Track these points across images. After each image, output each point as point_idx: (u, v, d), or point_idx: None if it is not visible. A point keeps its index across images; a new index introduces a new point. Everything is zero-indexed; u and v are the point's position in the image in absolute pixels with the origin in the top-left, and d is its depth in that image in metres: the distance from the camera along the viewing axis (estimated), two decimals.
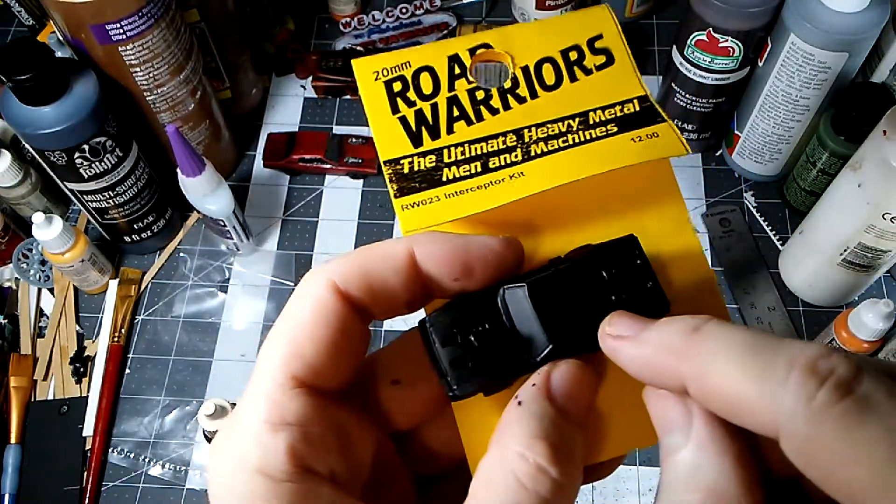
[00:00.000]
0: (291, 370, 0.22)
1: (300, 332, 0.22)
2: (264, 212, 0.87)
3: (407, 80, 0.27)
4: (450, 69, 0.27)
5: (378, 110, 0.27)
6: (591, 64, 0.28)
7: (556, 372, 0.22)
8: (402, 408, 0.25)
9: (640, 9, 0.95)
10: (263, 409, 0.21)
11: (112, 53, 0.69)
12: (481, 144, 0.26)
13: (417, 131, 0.27)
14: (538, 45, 0.28)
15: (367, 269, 0.22)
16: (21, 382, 0.76)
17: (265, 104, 0.94)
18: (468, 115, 0.27)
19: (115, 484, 0.73)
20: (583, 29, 0.28)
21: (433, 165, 0.26)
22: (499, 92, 0.27)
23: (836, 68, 0.69)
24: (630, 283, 0.23)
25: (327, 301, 0.22)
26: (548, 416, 0.21)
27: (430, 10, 0.97)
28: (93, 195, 0.74)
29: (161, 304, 0.82)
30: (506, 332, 0.23)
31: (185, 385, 0.77)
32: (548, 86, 0.27)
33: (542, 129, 0.26)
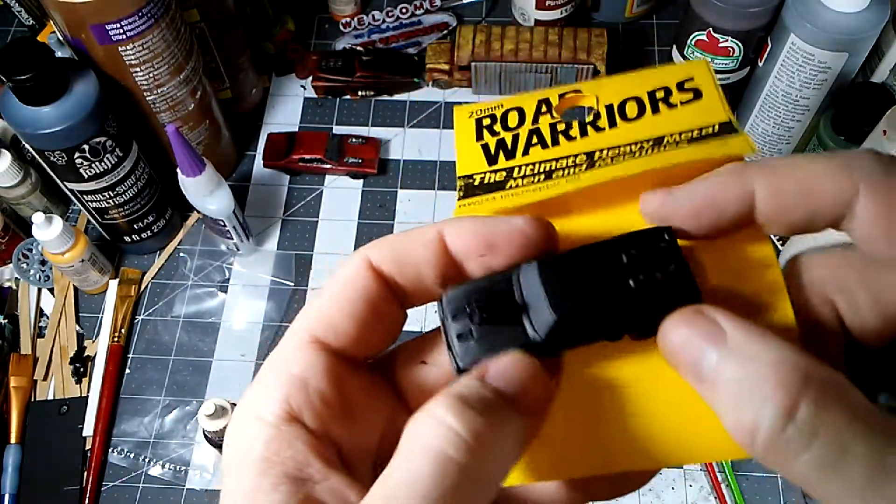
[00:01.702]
0: (313, 330, 0.23)
1: (329, 298, 0.23)
2: (264, 212, 0.87)
3: (496, 116, 0.28)
4: (537, 108, 0.28)
5: (465, 138, 0.28)
6: (677, 100, 0.27)
7: (495, 360, 0.22)
8: (426, 387, 0.25)
9: (640, 9, 0.95)
10: (275, 360, 0.23)
11: (112, 53, 0.69)
12: (551, 162, 0.26)
13: (495, 154, 0.27)
14: (627, 89, 0.28)
15: (398, 247, 0.24)
16: (21, 382, 0.76)
17: (265, 104, 0.94)
18: (545, 141, 0.27)
19: (115, 484, 0.73)
20: (675, 74, 0.28)
21: (502, 179, 0.26)
22: (579, 123, 0.28)
23: (836, 68, 0.69)
24: (652, 267, 0.22)
25: (358, 275, 0.23)
26: (472, 385, 0.21)
27: (430, 10, 0.97)
28: (93, 195, 0.74)
29: (161, 304, 0.82)
30: (516, 309, 0.22)
31: (185, 385, 0.77)
32: (629, 118, 0.27)
33: (613, 150, 0.26)
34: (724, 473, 0.70)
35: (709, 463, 0.70)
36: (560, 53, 0.87)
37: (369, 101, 0.93)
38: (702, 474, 0.71)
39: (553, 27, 0.90)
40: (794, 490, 0.69)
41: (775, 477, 0.70)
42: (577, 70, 0.87)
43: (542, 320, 0.22)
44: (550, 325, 0.22)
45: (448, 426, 0.20)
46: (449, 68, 0.91)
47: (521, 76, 0.89)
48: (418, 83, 0.93)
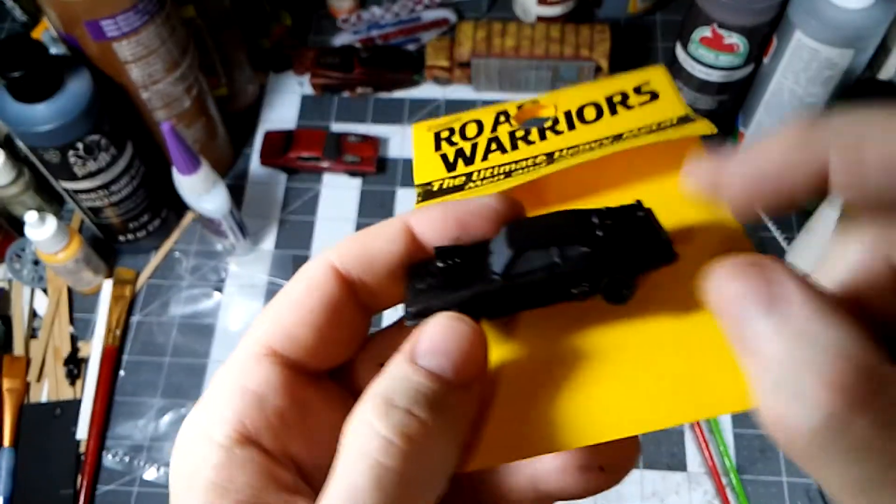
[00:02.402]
0: (270, 341, 0.21)
1: (287, 305, 0.22)
2: (261, 211, 0.86)
3: (454, 129, 0.28)
4: (495, 119, 0.28)
5: (423, 150, 0.28)
6: (635, 102, 0.27)
7: (422, 332, 0.20)
8: None
9: (643, 5, 0.94)
10: (228, 374, 0.21)
11: (106, 50, 0.68)
12: (511, 164, 0.26)
13: (454, 162, 0.27)
14: (584, 96, 0.28)
15: (365, 245, 0.22)
16: (14, 384, 0.75)
17: (262, 101, 0.93)
18: (504, 147, 0.27)
19: (110, 487, 0.72)
20: (631, 80, 0.28)
21: (461, 183, 0.26)
22: (538, 129, 0.27)
23: (842, 65, 0.68)
24: (622, 224, 0.21)
25: (320, 279, 0.22)
26: (402, 376, 0.19)
27: (430, 6, 0.96)
28: (87, 194, 0.73)
29: (156, 305, 0.81)
30: (478, 266, 0.21)
31: (181, 387, 0.76)
32: (587, 121, 0.27)
33: (573, 149, 0.25)
34: (729, 478, 0.69)
35: (713, 466, 0.69)
36: (562, 50, 0.86)
37: (368, 99, 0.92)
38: (707, 478, 0.70)
39: (555, 23, 0.89)
40: (801, 494, 0.68)
41: (781, 481, 0.69)
42: (579, 67, 0.86)
43: (500, 258, 0.21)
44: (508, 258, 0.21)
45: (377, 433, 0.18)
46: (449, 65, 0.90)
47: (522, 73, 0.88)
48: (418, 80, 0.92)
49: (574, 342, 0.22)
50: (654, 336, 0.22)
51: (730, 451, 0.71)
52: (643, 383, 0.21)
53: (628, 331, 0.22)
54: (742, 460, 0.70)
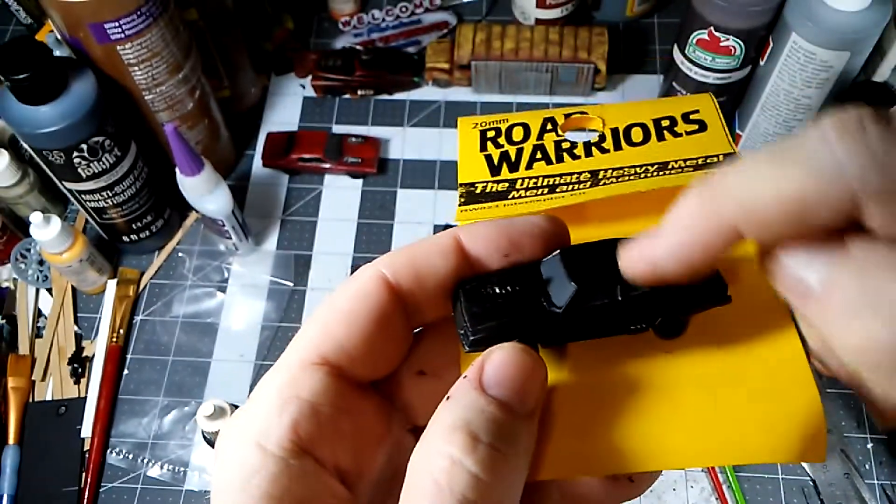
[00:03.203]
0: (320, 349, 0.21)
1: (338, 315, 0.22)
2: (263, 211, 0.86)
3: (501, 129, 0.28)
4: (542, 125, 0.28)
5: (468, 148, 0.28)
6: (683, 130, 0.27)
7: (489, 362, 0.20)
8: (425, 399, 0.24)
9: (641, 8, 0.95)
10: (279, 380, 0.21)
11: (110, 52, 0.68)
12: (555, 178, 0.26)
13: (499, 165, 0.27)
14: (633, 115, 0.28)
15: (415, 257, 0.22)
16: (19, 383, 0.76)
17: (264, 103, 0.93)
18: (549, 157, 0.27)
19: (114, 485, 0.73)
20: (681, 105, 0.28)
21: (504, 189, 0.26)
22: (584, 144, 0.27)
23: (837, 67, 0.69)
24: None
25: (371, 289, 0.22)
26: (475, 406, 0.19)
27: (430, 9, 0.97)
28: (91, 195, 0.74)
29: (159, 305, 0.81)
30: (533, 287, 0.21)
31: (184, 386, 0.77)
32: (634, 143, 0.27)
33: (617, 171, 0.26)
34: (726, 475, 0.70)
35: None
36: (561, 52, 0.87)
37: (369, 101, 0.93)
38: (703, 476, 0.70)
39: (553, 26, 0.90)
40: (797, 492, 0.69)
41: (777, 478, 0.70)
42: (577, 69, 0.87)
43: (561, 291, 0.21)
44: (571, 295, 0.21)
45: (455, 461, 0.18)
46: (449, 67, 0.90)
47: (522, 75, 0.89)
48: (418, 82, 0.93)
49: (624, 371, 0.23)
50: (703, 373, 0.22)
51: None
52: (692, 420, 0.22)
53: (678, 365, 0.23)
54: None
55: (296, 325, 0.79)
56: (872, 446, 0.71)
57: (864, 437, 0.71)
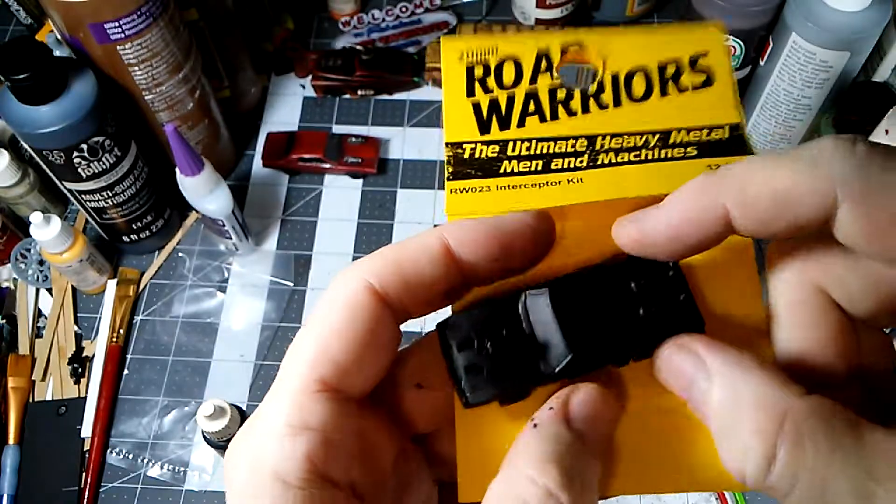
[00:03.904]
0: (319, 372, 0.21)
1: (331, 333, 0.21)
2: (263, 211, 0.86)
3: (490, 67, 0.26)
4: (536, 63, 0.26)
5: (454, 91, 0.26)
6: (689, 82, 0.26)
7: (576, 396, 0.21)
8: (425, 411, 0.24)
9: (640, 8, 0.95)
10: (286, 411, 0.21)
11: (110, 52, 0.68)
12: (549, 144, 0.25)
13: (488, 119, 0.26)
14: (636, 54, 0.26)
15: (402, 265, 0.22)
16: (19, 383, 0.76)
17: (264, 103, 0.93)
18: (543, 111, 0.26)
19: (114, 485, 0.73)
20: (688, 44, 0.26)
21: (494, 156, 0.25)
22: (581, 94, 0.26)
23: (837, 67, 0.69)
24: (660, 296, 0.22)
25: (361, 301, 0.21)
26: (563, 440, 0.20)
27: (430, 9, 0.97)
28: (91, 195, 0.74)
29: (160, 305, 0.81)
30: (525, 340, 0.22)
31: (184, 386, 0.77)
32: (635, 97, 0.26)
33: (617, 139, 0.25)
34: None
35: None
36: None
37: (369, 101, 0.93)
38: None
39: (553, 26, 0.90)
40: None
41: None
42: (577, 69, 0.87)
43: (558, 356, 0.21)
44: (566, 362, 0.21)
45: (551, 494, 0.19)
46: None
47: None
48: (418, 82, 0.93)
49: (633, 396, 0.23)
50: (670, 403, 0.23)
51: None
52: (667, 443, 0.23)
53: (649, 387, 0.23)
54: None
55: (296, 326, 0.79)
56: None
57: None
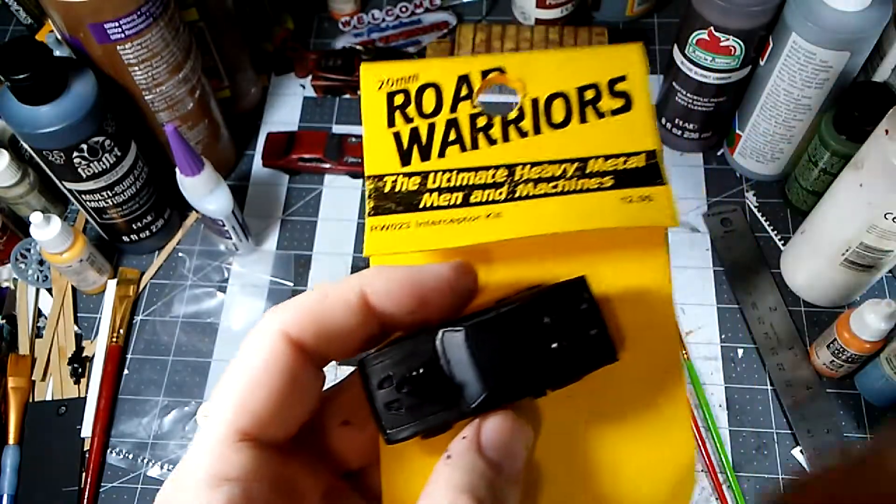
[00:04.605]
0: (238, 424, 0.21)
1: (249, 384, 0.22)
2: (263, 211, 0.86)
3: (410, 94, 0.26)
4: (457, 89, 0.26)
5: (374, 122, 0.26)
6: (607, 107, 0.26)
7: (487, 424, 0.22)
8: (354, 448, 0.25)
9: (640, 7, 0.95)
10: (205, 464, 0.21)
11: (110, 52, 0.68)
12: (469, 174, 0.25)
13: (409, 150, 0.26)
14: (555, 77, 0.26)
15: (320, 316, 0.22)
16: (19, 383, 0.76)
17: (264, 103, 0.93)
18: (464, 141, 0.26)
19: (114, 485, 0.73)
20: (608, 66, 0.26)
21: (415, 188, 0.25)
22: (501, 121, 0.26)
23: (837, 67, 0.69)
24: (572, 330, 0.22)
25: (277, 354, 0.22)
26: (476, 469, 0.21)
27: (431, 9, 0.97)
28: (91, 195, 0.74)
29: (160, 305, 0.81)
30: (442, 377, 0.22)
31: (184, 385, 0.77)
32: (554, 123, 0.26)
33: (536, 168, 0.25)
34: (726, 474, 0.70)
35: (710, 464, 0.70)
36: None
37: None
38: (703, 476, 0.70)
39: (553, 26, 0.90)
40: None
41: (777, 478, 0.70)
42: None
43: (473, 393, 0.22)
44: (482, 399, 0.22)
45: None
46: None
47: None
48: None
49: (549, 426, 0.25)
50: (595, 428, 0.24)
51: (726, 448, 0.71)
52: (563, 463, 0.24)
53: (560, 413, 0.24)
54: (738, 458, 0.71)
55: None
56: None
57: (864, 437, 0.71)
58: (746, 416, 0.73)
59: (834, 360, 0.71)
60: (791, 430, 0.72)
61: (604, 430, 0.24)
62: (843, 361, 0.70)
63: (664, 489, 0.24)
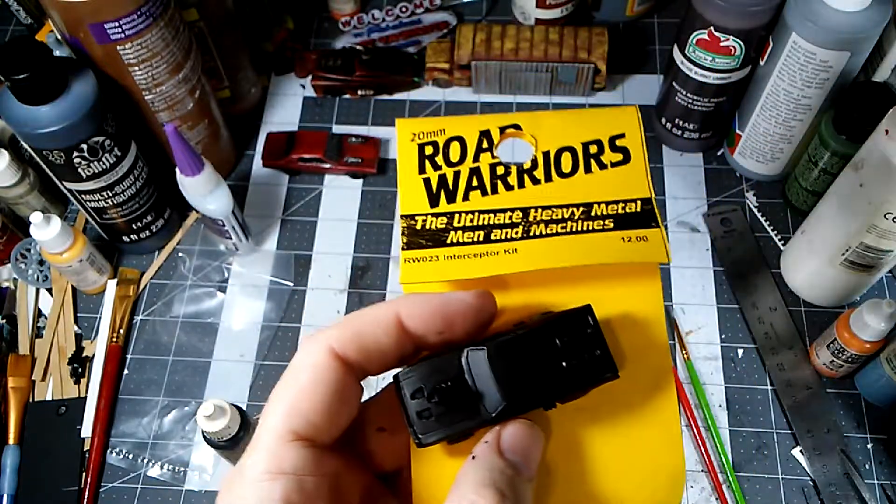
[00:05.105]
0: (291, 426, 0.25)
1: (300, 392, 0.25)
2: (263, 211, 0.86)
3: (439, 145, 0.30)
4: (478, 142, 0.30)
5: (408, 169, 0.30)
6: (608, 160, 0.30)
7: (507, 430, 0.25)
8: (388, 452, 0.28)
9: (640, 7, 0.95)
10: (263, 460, 0.24)
11: (110, 52, 0.68)
12: (489, 215, 0.29)
13: (437, 193, 0.30)
14: (564, 134, 0.30)
15: (361, 334, 0.26)
16: (19, 383, 0.76)
17: (264, 103, 0.93)
18: (485, 186, 0.30)
19: (114, 485, 0.73)
20: (609, 125, 0.30)
21: (443, 227, 0.29)
22: (517, 170, 0.30)
23: (837, 67, 0.69)
24: (580, 351, 0.26)
25: (325, 365, 0.25)
26: (497, 468, 0.24)
27: (431, 9, 0.97)
28: (91, 195, 0.74)
29: (160, 305, 0.81)
30: (467, 389, 0.25)
31: (184, 385, 0.77)
32: (563, 173, 0.30)
33: (547, 211, 0.29)
34: (726, 474, 0.70)
35: (710, 464, 0.70)
36: (561, 52, 0.87)
37: (369, 101, 0.93)
38: (703, 476, 0.70)
39: (553, 26, 0.90)
40: (797, 492, 0.69)
41: (777, 478, 0.70)
42: (577, 69, 0.87)
43: (494, 403, 0.25)
44: (501, 408, 0.25)
45: None
46: (449, 67, 0.90)
47: (522, 75, 0.89)
48: (418, 82, 0.93)
49: (559, 433, 0.28)
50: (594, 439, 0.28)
51: (726, 448, 0.71)
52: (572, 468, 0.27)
53: (567, 425, 0.27)
54: (738, 458, 0.71)
55: (296, 325, 0.80)
56: (872, 446, 0.71)
57: (864, 437, 0.71)
58: (746, 416, 0.73)
59: (834, 360, 0.71)
60: (791, 430, 0.72)
61: (604, 437, 0.27)
62: (843, 361, 0.70)
63: (659, 489, 0.27)
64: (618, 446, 0.27)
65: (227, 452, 0.67)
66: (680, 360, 0.76)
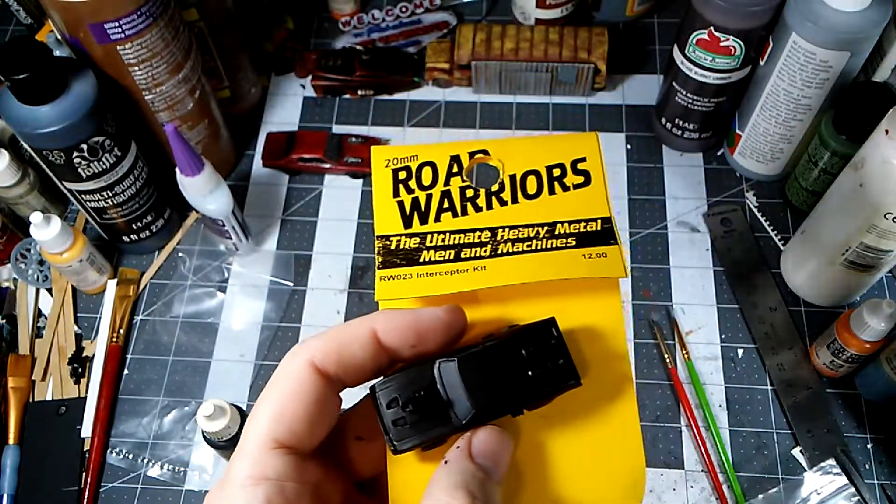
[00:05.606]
0: (274, 434, 0.26)
1: (283, 402, 0.26)
2: (263, 211, 0.86)
3: (412, 170, 0.32)
4: (449, 166, 0.32)
5: (382, 192, 0.32)
6: (571, 182, 0.32)
7: (477, 436, 0.27)
8: (366, 459, 0.30)
9: (640, 7, 0.95)
10: (247, 466, 0.26)
11: (110, 52, 0.68)
12: (460, 235, 0.30)
13: (410, 215, 0.31)
14: (529, 158, 0.32)
15: (340, 348, 0.27)
16: (19, 383, 0.76)
17: (264, 103, 0.93)
18: (455, 208, 0.31)
19: (114, 485, 0.73)
20: (571, 150, 0.32)
21: (416, 246, 0.30)
22: (486, 193, 0.31)
23: (837, 67, 0.69)
24: (545, 360, 0.27)
25: (306, 377, 0.27)
26: (468, 471, 0.25)
27: (431, 9, 0.97)
28: (91, 195, 0.74)
29: (160, 305, 0.81)
30: (439, 399, 0.27)
31: (184, 385, 0.77)
32: (529, 195, 0.31)
33: (513, 230, 0.30)
34: (726, 474, 0.70)
35: (710, 464, 0.70)
36: (561, 52, 0.87)
37: (369, 101, 0.93)
38: (703, 476, 0.70)
39: (553, 26, 0.90)
40: (797, 492, 0.69)
41: (777, 478, 0.70)
42: (577, 69, 0.87)
43: (464, 411, 0.27)
44: (471, 415, 0.26)
45: None
46: (449, 67, 0.90)
47: (522, 75, 0.89)
48: (418, 82, 0.93)
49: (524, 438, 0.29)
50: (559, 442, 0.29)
51: (726, 448, 0.71)
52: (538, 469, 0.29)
53: (536, 430, 0.29)
54: (738, 457, 0.71)
55: (296, 325, 0.80)
56: (872, 446, 0.71)
57: (864, 437, 0.71)
58: (746, 416, 0.73)
59: (834, 360, 0.71)
60: (791, 430, 0.72)
61: (568, 441, 0.29)
62: (843, 361, 0.70)
63: (621, 487, 0.29)
64: (581, 449, 0.29)
65: (227, 452, 0.67)
66: (680, 360, 0.76)
